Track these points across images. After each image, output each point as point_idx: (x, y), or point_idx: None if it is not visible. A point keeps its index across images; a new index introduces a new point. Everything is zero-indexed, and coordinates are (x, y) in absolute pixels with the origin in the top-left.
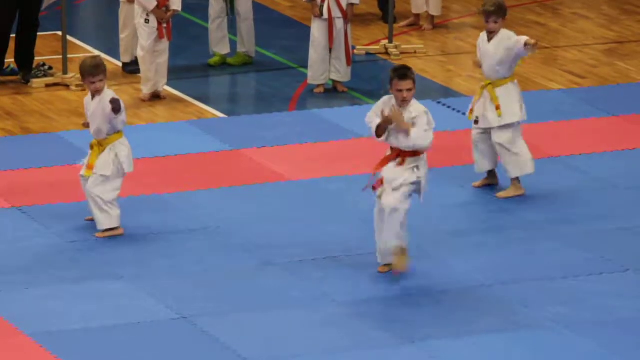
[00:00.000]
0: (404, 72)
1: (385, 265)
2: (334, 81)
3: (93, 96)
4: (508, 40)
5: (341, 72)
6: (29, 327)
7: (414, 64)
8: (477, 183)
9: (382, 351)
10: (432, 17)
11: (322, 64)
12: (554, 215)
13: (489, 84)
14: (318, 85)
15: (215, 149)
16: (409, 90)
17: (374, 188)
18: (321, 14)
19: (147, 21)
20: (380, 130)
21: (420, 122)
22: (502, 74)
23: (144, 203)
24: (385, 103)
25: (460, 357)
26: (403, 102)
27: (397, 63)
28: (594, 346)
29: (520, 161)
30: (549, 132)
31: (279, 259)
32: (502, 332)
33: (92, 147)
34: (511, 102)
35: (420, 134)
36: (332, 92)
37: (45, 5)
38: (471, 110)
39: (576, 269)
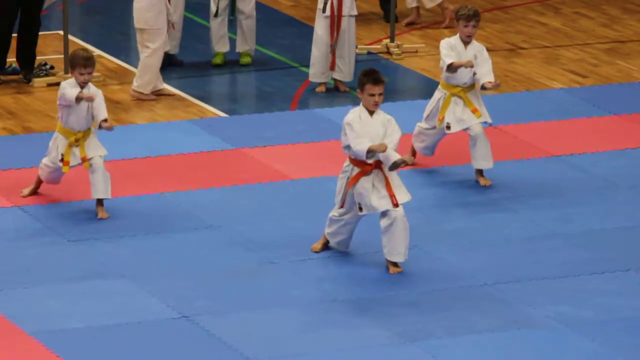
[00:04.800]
0: (377, 77)
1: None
2: (335, 80)
3: (81, 88)
4: (482, 51)
5: (344, 72)
6: (30, 326)
7: (415, 63)
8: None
9: (384, 350)
10: (445, 9)
11: (324, 62)
12: (556, 214)
13: (461, 90)
14: (320, 84)
15: (217, 148)
16: (380, 94)
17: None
18: (324, 11)
19: None
20: (370, 153)
21: (394, 129)
22: (471, 82)
23: (146, 202)
24: (360, 117)
25: (461, 356)
26: (374, 106)
27: (398, 62)
28: (595, 345)
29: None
30: (551, 131)
31: (281, 258)
32: (504, 331)
33: (72, 144)
34: (482, 105)
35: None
36: (334, 92)
37: (46, 4)
38: (440, 119)
39: (578, 268)
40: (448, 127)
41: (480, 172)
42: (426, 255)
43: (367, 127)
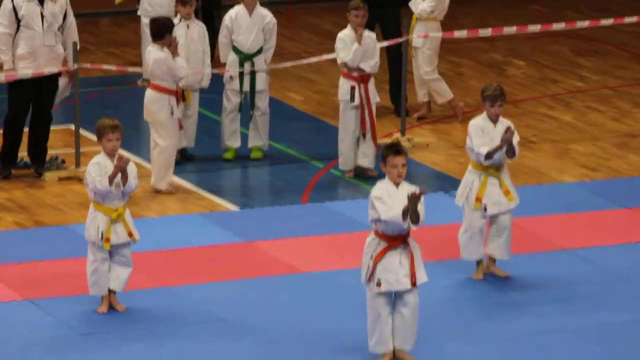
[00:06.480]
0: (398, 148)
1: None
2: (360, 167)
3: (110, 157)
4: (510, 127)
5: (369, 157)
6: None
7: (426, 156)
8: (479, 275)
9: None
10: (456, 105)
11: (353, 151)
12: (567, 307)
13: (495, 170)
14: (349, 171)
15: (228, 242)
16: (403, 165)
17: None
18: (352, 100)
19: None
20: (405, 214)
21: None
22: (502, 159)
23: (156, 296)
24: (387, 191)
25: None
26: (398, 178)
27: (410, 156)
28: None
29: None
30: (562, 224)
31: (292, 352)
32: None
33: (114, 220)
34: (512, 184)
35: (423, 210)
36: (346, 183)
37: (58, 99)
38: (478, 199)
39: None
40: (485, 209)
41: (493, 262)
42: (436, 347)
43: (395, 200)
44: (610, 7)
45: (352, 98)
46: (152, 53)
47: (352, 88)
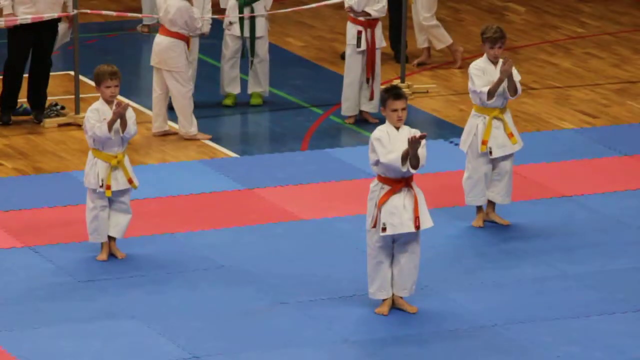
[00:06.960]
0: (397, 92)
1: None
2: (363, 112)
3: (109, 104)
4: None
5: (372, 103)
6: None
7: (426, 103)
8: (479, 222)
9: None
10: (455, 51)
11: (357, 97)
12: (566, 254)
13: (499, 112)
14: (350, 117)
15: (227, 189)
16: (403, 109)
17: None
18: (358, 46)
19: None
20: (405, 159)
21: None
22: (506, 101)
23: (156, 242)
24: (387, 133)
25: None
26: (398, 122)
27: (409, 103)
28: None
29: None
30: (561, 171)
31: (291, 298)
32: None
33: (114, 167)
34: (515, 128)
35: (424, 154)
36: (346, 130)
37: (57, 45)
38: (484, 142)
39: (588, 308)
40: (490, 152)
41: (493, 209)
42: (437, 295)
43: (396, 142)
44: None
45: (359, 43)
46: (175, 1)
47: (359, 32)
